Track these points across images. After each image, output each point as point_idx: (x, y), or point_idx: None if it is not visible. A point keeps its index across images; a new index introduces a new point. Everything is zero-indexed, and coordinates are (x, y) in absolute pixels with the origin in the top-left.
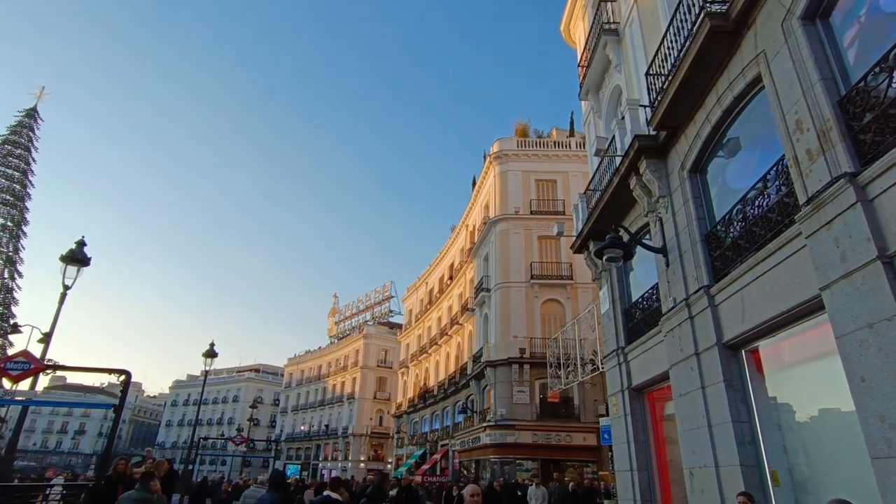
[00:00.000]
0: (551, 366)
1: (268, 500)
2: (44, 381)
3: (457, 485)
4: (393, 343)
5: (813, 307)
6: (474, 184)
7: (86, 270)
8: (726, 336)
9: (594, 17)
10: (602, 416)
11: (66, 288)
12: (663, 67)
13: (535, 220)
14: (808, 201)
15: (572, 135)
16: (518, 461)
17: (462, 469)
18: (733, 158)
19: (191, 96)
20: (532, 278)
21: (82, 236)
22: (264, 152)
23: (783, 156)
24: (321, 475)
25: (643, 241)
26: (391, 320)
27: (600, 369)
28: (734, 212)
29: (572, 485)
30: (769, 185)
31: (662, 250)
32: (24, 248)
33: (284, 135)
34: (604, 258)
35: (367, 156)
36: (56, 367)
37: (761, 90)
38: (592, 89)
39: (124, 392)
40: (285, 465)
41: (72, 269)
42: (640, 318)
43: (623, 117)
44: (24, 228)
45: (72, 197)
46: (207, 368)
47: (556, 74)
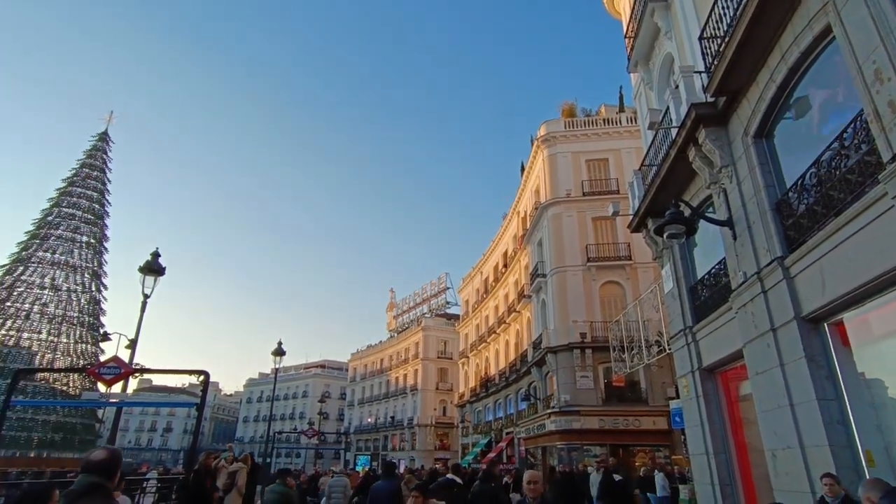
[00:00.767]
0: (614, 349)
1: (384, 488)
2: (133, 383)
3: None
4: (451, 334)
5: None
6: (523, 169)
7: (162, 279)
8: (805, 309)
9: None
10: (672, 398)
11: (146, 297)
12: (718, 29)
13: (588, 201)
14: (893, 158)
15: (622, 110)
16: (585, 447)
17: (529, 456)
18: (803, 119)
19: (243, 98)
20: (589, 261)
21: (156, 248)
22: (317, 151)
23: (861, 111)
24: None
25: (706, 214)
26: (448, 311)
27: (667, 351)
28: (808, 176)
29: (644, 470)
30: (846, 143)
31: (728, 223)
32: (106, 263)
33: (335, 132)
34: (664, 235)
35: (413, 149)
36: (143, 370)
37: (831, 42)
38: (641, 60)
39: (204, 391)
40: (356, 455)
41: (149, 279)
42: (707, 296)
43: (677, 86)
44: (105, 244)
45: (141, 210)
46: (277, 366)
47: (602, 49)
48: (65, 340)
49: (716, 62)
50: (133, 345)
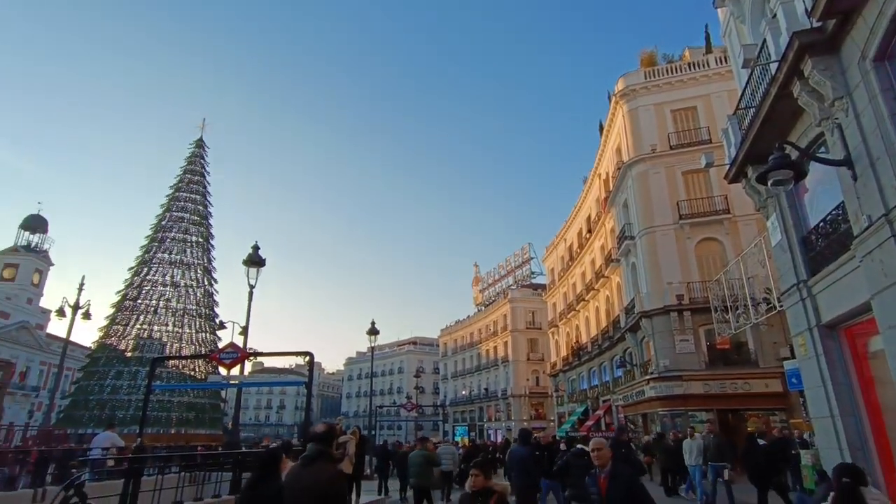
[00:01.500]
0: (716, 310)
1: (520, 453)
2: (248, 366)
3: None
4: (539, 304)
5: None
6: (601, 129)
7: (263, 270)
8: None
9: None
10: (785, 359)
11: (251, 287)
12: None
13: (676, 155)
14: None
15: (709, 51)
16: (690, 413)
17: (628, 423)
18: None
19: (324, 84)
20: (681, 219)
21: (255, 241)
22: (398, 132)
23: None
24: (488, 435)
25: (818, 155)
26: (534, 282)
27: (777, 308)
28: None
29: (770, 436)
30: None
31: (846, 162)
32: (214, 259)
33: (412, 111)
34: (769, 183)
35: (489, 120)
36: (256, 353)
37: None
38: None
39: (311, 370)
40: (454, 427)
41: (252, 271)
42: (823, 246)
43: (774, 15)
44: (211, 242)
45: (237, 204)
46: (372, 345)
47: None
48: (188, 331)
49: None
50: (245, 331)
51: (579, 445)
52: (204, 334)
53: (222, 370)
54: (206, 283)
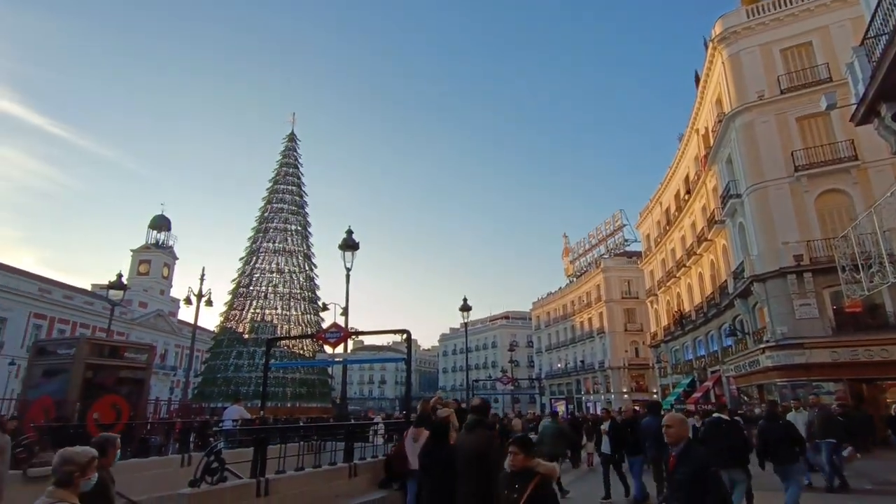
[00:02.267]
0: (844, 270)
1: (652, 424)
2: (350, 344)
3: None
4: (634, 272)
5: None
6: (697, 80)
7: (358, 252)
8: None
9: None
10: None
11: (348, 270)
12: None
13: (787, 99)
14: None
15: None
16: (815, 383)
17: (742, 395)
18: None
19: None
20: (797, 170)
21: (349, 226)
22: (486, 99)
23: None
24: (586, 408)
25: None
26: (628, 249)
27: None
28: None
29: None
30: None
31: None
32: (312, 245)
33: (501, 84)
34: None
35: (571, 81)
36: (357, 332)
37: None
38: None
39: (409, 346)
40: (550, 400)
41: (348, 254)
42: None
43: None
44: (308, 230)
45: (329, 189)
46: (465, 321)
47: None
48: (294, 313)
49: None
50: (345, 312)
51: (715, 415)
52: (308, 315)
53: (328, 348)
54: (307, 268)
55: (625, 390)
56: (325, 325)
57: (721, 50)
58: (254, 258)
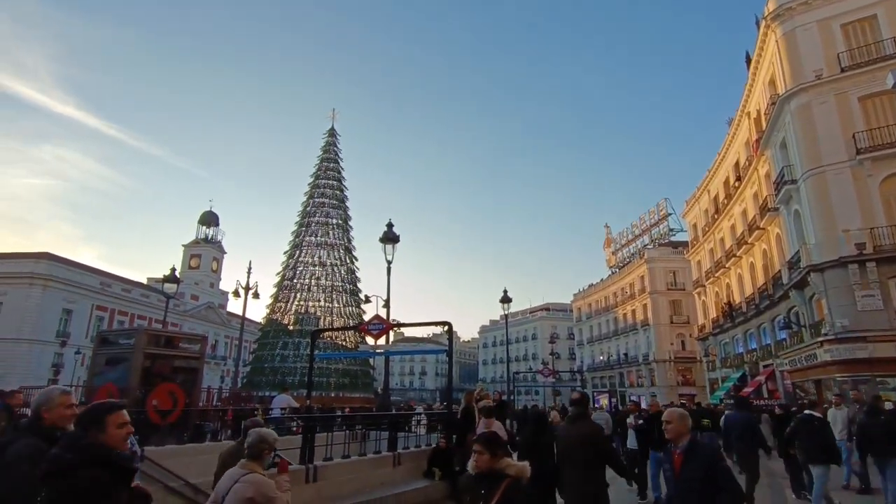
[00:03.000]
0: None
1: (737, 418)
2: (391, 336)
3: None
4: (680, 263)
5: None
6: (748, 61)
7: (398, 245)
8: None
9: None
10: None
11: (389, 262)
12: None
13: (848, 78)
14: None
15: None
16: (879, 378)
17: (796, 390)
18: None
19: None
20: (859, 153)
21: (389, 219)
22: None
23: None
24: (630, 401)
25: None
26: (673, 240)
27: None
28: None
29: None
30: None
31: None
32: (353, 238)
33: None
34: None
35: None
36: (399, 324)
37: None
38: None
39: (450, 338)
40: (593, 393)
41: (389, 247)
42: None
43: None
44: (349, 223)
45: (369, 182)
46: (506, 312)
47: None
48: (336, 305)
49: None
50: (387, 304)
51: (807, 411)
52: (350, 308)
53: (369, 340)
54: (348, 261)
55: (671, 384)
56: (366, 317)
57: (775, 28)
58: (297, 252)
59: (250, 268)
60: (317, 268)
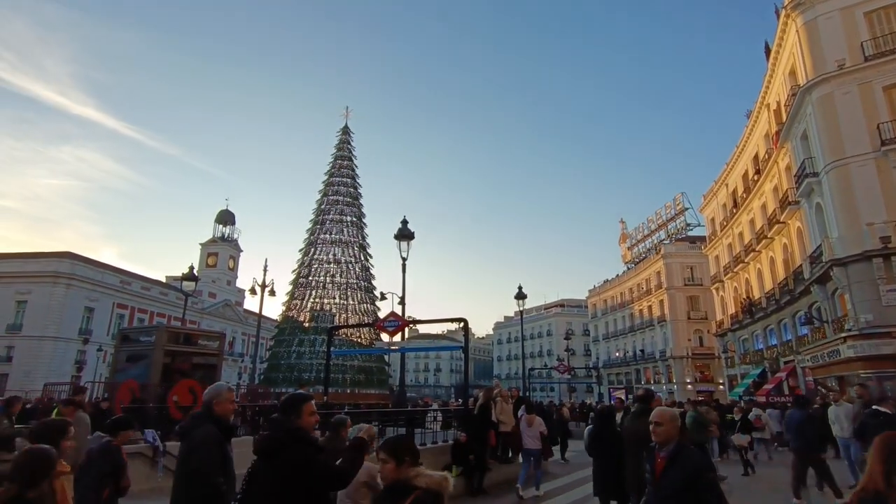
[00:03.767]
0: None
1: (797, 416)
2: (406, 332)
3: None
4: (698, 258)
5: None
6: (768, 52)
7: (413, 241)
8: None
9: None
10: None
11: (404, 259)
12: None
13: (873, 67)
14: None
15: None
16: None
17: (819, 387)
18: None
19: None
20: (883, 144)
21: (404, 216)
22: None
23: None
24: (614, 397)
25: None
26: (690, 234)
27: None
28: None
29: None
30: None
31: None
32: (367, 235)
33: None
34: None
35: (624, 59)
36: (415, 321)
37: None
38: None
39: (466, 335)
40: (609, 389)
41: (404, 244)
42: None
43: None
44: (363, 221)
45: (383, 178)
46: (521, 309)
47: None
48: (351, 302)
49: None
50: (402, 301)
51: (874, 406)
52: (365, 305)
53: (384, 336)
54: (362, 258)
55: (688, 380)
56: (381, 314)
57: (795, 17)
58: (312, 249)
59: (266, 265)
60: (332, 265)
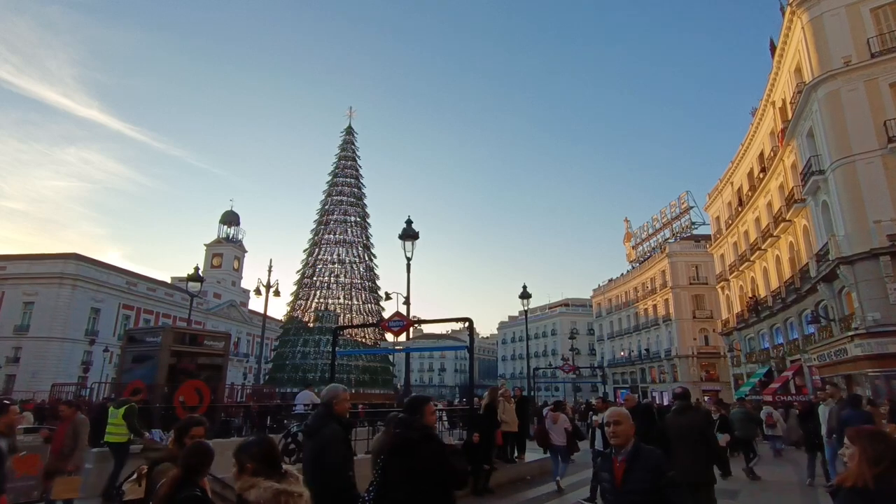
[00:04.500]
0: None
1: (854, 417)
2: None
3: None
4: (703, 257)
5: None
6: (773, 49)
7: (418, 242)
8: None
9: None
10: None
11: (409, 259)
12: None
13: (879, 64)
14: None
15: None
16: None
17: (826, 386)
18: None
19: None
20: (890, 142)
21: (408, 216)
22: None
23: None
24: (652, 397)
25: None
26: (695, 233)
27: None
28: None
29: None
30: None
31: None
32: (371, 235)
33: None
34: None
35: (630, 58)
36: (420, 321)
37: None
38: None
39: (471, 334)
40: (615, 389)
41: (408, 244)
42: None
43: None
44: (367, 221)
45: (386, 178)
46: (526, 308)
47: None
48: (356, 302)
49: None
50: (407, 301)
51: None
52: (370, 305)
53: (389, 336)
54: (366, 258)
55: (694, 380)
56: (385, 314)
57: (801, 14)
58: (316, 249)
59: (271, 266)
60: (336, 265)
